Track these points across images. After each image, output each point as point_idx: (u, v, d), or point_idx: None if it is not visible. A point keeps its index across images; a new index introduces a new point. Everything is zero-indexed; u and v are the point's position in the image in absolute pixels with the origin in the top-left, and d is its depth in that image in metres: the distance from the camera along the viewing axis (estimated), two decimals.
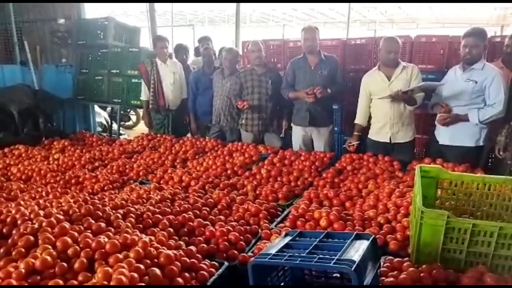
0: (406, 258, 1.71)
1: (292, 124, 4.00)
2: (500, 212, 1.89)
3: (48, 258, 1.47)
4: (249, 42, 4.10)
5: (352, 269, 1.22)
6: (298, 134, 3.94)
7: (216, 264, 1.72)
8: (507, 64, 3.42)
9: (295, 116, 3.90)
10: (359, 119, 3.59)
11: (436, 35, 4.02)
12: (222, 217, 2.21)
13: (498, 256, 1.56)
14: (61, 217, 1.82)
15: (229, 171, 3.14)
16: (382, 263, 1.67)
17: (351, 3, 10.61)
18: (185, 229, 2.03)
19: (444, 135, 3.28)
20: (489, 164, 3.66)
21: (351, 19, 11.97)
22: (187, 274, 1.56)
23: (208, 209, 2.31)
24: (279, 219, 2.28)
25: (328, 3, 15.19)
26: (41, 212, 1.86)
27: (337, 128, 4.38)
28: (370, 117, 3.63)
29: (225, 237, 1.96)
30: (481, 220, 1.77)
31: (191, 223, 2.07)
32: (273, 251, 1.45)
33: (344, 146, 3.84)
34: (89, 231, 1.73)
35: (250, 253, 1.87)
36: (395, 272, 1.59)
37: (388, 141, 3.45)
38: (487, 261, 1.58)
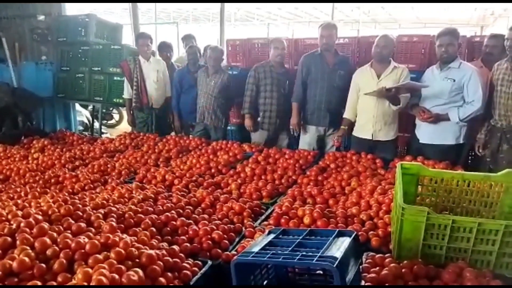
0: (388, 254, 1.74)
1: (304, 124, 3.93)
2: (479, 208, 1.93)
3: (26, 259, 1.43)
4: (272, 39, 4.14)
5: (334, 265, 1.23)
6: (312, 133, 3.89)
7: (200, 263, 1.71)
8: (486, 63, 3.50)
9: (311, 116, 3.84)
10: (348, 114, 3.61)
11: (418, 35, 4.07)
12: (205, 216, 2.20)
13: (477, 251, 1.60)
14: (40, 217, 1.78)
15: (213, 170, 3.12)
16: (364, 259, 1.69)
17: (335, 3, 10.70)
18: (168, 229, 2.01)
19: (425, 134, 3.33)
20: (469, 161, 3.75)
21: (335, 18, 12.09)
22: (169, 274, 1.54)
23: (191, 208, 2.29)
24: (263, 217, 2.28)
25: (312, 3, 15.28)
26: (19, 213, 1.82)
27: None
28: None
29: (209, 236, 1.94)
30: (461, 216, 1.81)
31: (174, 222, 2.05)
32: (256, 249, 1.44)
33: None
34: (69, 231, 1.70)
35: (233, 252, 1.87)
36: (377, 268, 1.61)
37: (370, 138, 3.49)
38: (467, 256, 1.61)
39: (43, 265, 1.44)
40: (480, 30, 17.29)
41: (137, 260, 1.53)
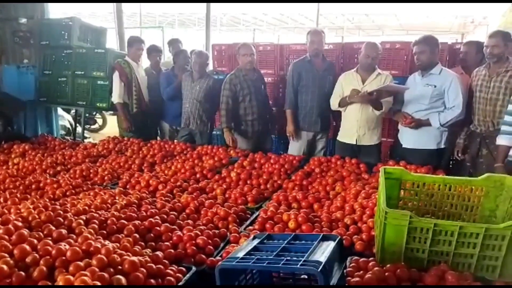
0: (372, 258, 1.74)
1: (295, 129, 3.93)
2: (461, 212, 1.96)
3: (5, 267, 1.39)
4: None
5: (318, 270, 1.23)
6: (303, 138, 3.92)
7: (184, 269, 1.68)
8: (466, 69, 3.58)
9: (302, 121, 3.87)
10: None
11: (400, 42, 4.16)
12: (190, 221, 2.18)
13: (459, 254, 1.62)
14: (20, 224, 1.74)
15: (198, 175, 3.10)
16: (348, 263, 1.70)
17: (320, 10, 10.84)
18: (152, 235, 1.99)
19: (407, 139, 3.39)
20: (451, 165, 3.82)
21: (320, 25, 12.22)
22: (153, 281, 1.52)
23: (175, 213, 2.27)
24: (248, 222, 2.27)
25: (298, 9, 15.43)
26: None
27: None
28: (340, 120, 3.72)
29: (193, 242, 1.93)
30: (443, 220, 1.84)
31: (158, 228, 2.02)
32: (241, 255, 1.44)
33: None
34: (50, 238, 1.66)
35: (218, 257, 1.85)
36: (361, 272, 1.62)
37: (354, 143, 3.54)
38: (449, 259, 1.63)
39: (22, 273, 1.41)
40: (461, 37, 17.73)
41: (120, 267, 1.50)
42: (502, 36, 3.03)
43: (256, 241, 1.58)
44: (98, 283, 1.35)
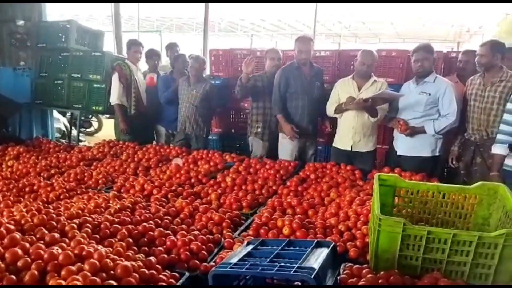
0: (365, 265, 1.74)
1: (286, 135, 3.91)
2: (454, 220, 1.97)
3: None
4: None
5: (312, 276, 1.23)
6: (295, 144, 3.90)
7: (177, 274, 1.67)
8: (461, 78, 3.61)
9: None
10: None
11: (396, 50, 4.18)
12: (184, 227, 2.17)
13: (452, 262, 1.62)
14: (12, 227, 1.72)
15: (193, 180, 3.09)
16: (342, 270, 1.69)
17: (317, 17, 10.92)
18: (145, 239, 1.98)
19: (402, 146, 3.40)
20: (445, 173, 3.84)
21: (317, 31, 12.28)
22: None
23: (170, 218, 2.26)
24: (242, 227, 2.26)
25: (295, 16, 15.52)
26: None
27: None
28: (336, 126, 3.73)
29: (187, 247, 1.91)
30: (436, 228, 1.84)
31: (151, 233, 2.01)
32: (234, 260, 1.44)
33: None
34: (42, 242, 1.65)
35: (212, 263, 1.85)
36: (354, 279, 1.61)
37: (350, 149, 3.55)
38: (442, 267, 1.63)
39: (13, 277, 1.39)
40: (456, 46, 17.90)
41: (112, 272, 1.49)
42: (491, 46, 3.06)
43: (250, 247, 1.58)
44: None
